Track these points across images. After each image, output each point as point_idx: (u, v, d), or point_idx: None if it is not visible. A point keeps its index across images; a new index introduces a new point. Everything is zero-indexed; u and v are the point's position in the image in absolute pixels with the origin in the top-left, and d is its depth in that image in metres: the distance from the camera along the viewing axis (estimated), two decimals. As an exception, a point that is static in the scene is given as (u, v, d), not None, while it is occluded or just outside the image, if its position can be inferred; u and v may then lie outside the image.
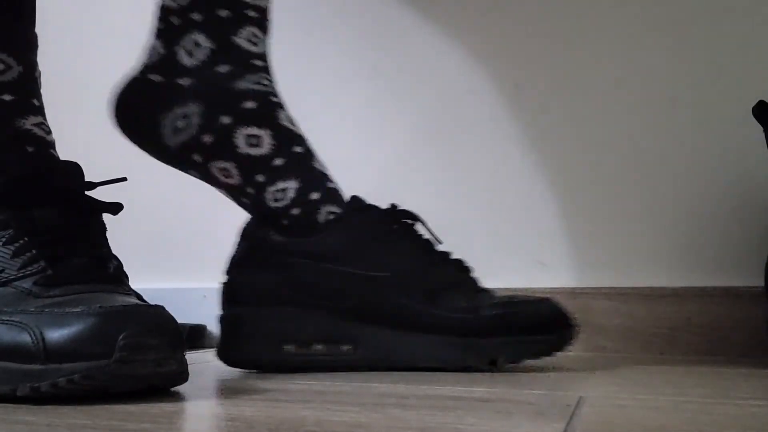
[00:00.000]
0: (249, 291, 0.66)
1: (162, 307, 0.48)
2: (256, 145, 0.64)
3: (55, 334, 0.45)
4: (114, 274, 0.53)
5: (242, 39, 0.64)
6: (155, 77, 0.65)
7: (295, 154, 0.65)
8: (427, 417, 0.41)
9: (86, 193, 0.57)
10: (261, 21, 0.65)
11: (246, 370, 0.68)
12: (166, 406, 0.45)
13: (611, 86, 0.94)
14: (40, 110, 0.60)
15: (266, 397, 0.51)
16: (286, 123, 0.66)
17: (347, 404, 0.46)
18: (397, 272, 0.63)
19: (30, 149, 0.58)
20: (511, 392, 0.51)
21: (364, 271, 0.64)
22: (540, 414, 0.42)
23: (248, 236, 0.68)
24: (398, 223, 0.66)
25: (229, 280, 0.68)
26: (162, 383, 0.49)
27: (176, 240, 1.15)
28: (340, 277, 0.64)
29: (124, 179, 0.58)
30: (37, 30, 0.62)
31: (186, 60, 0.64)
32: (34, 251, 0.52)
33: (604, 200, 0.94)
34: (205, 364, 0.75)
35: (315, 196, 0.66)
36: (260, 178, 0.65)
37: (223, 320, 0.67)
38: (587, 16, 0.95)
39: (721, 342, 0.85)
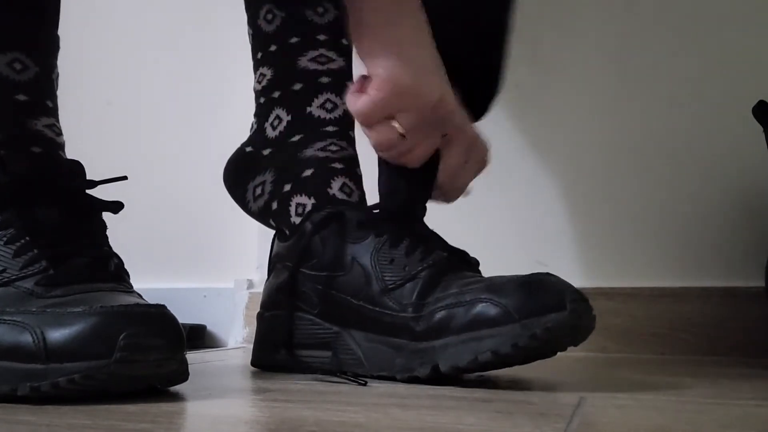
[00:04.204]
0: (262, 295, 0.70)
1: (163, 307, 0.48)
2: (301, 214, 0.66)
3: (56, 334, 0.44)
4: (115, 273, 0.53)
5: (315, 107, 0.67)
6: (249, 149, 0.70)
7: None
8: (427, 417, 0.41)
9: (88, 191, 0.57)
10: (334, 84, 0.68)
11: (246, 370, 0.68)
12: (166, 406, 0.45)
13: (612, 87, 0.94)
14: (53, 112, 0.61)
15: (266, 397, 0.51)
16: (336, 192, 0.66)
17: (347, 404, 0.46)
18: (353, 271, 0.61)
19: (37, 150, 0.58)
20: (511, 392, 0.51)
21: (318, 271, 0.63)
22: (540, 414, 0.42)
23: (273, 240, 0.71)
24: (366, 218, 0.63)
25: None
26: (162, 383, 0.49)
27: (176, 240, 1.15)
28: (304, 279, 0.64)
29: (124, 178, 0.59)
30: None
31: (270, 133, 0.69)
32: (35, 251, 0.52)
33: (604, 200, 0.94)
34: (205, 364, 0.75)
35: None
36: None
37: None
38: (587, 16, 0.95)
39: (721, 342, 0.85)
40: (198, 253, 1.13)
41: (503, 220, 0.96)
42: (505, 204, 0.97)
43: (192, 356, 0.85)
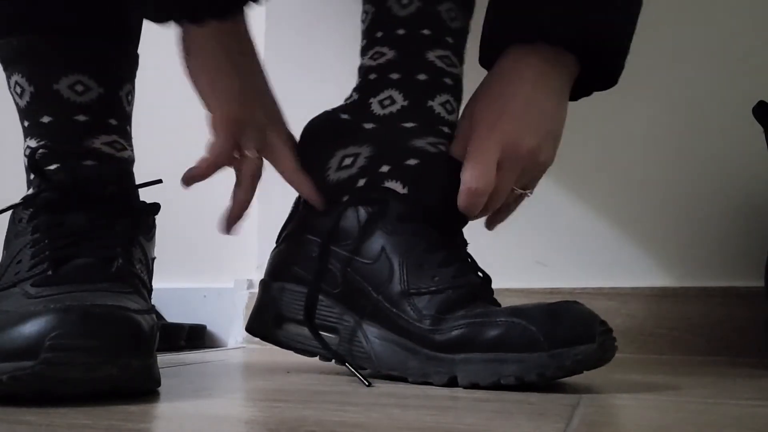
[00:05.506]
0: (269, 263, 0.68)
1: (117, 308, 0.44)
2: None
3: None
4: (116, 274, 0.52)
5: (437, 104, 0.66)
6: (345, 116, 0.67)
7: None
8: (427, 417, 0.41)
9: (134, 197, 0.58)
10: (455, 90, 0.68)
11: (246, 370, 0.68)
12: (165, 406, 0.45)
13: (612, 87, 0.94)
14: (116, 129, 0.61)
15: (266, 397, 0.51)
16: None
17: (347, 404, 0.46)
18: (380, 262, 0.60)
19: (90, 164, 0.58)
20: (511, 392, 0.51)
21: (349, 253, 0.61)
22: (540, 414, 0.42)
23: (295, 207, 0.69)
24: (414, 214, 0.61)
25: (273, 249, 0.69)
26: (103, 388, 0.45)
27: (176, 240, 1.15)
28: (329, 257, 0.62)
29: (159, 181, 0.60)
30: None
31: (377, 109, 0.66)
32: (47, 253, 0.52)
33: (604, 201, 0.94)
34: (205, 364, 0.75)
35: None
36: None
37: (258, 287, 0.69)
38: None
39: (721, 342, 0.85)
40: (198, 253, 1.13)
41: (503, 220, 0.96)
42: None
43: (192, 356, 0.85)
